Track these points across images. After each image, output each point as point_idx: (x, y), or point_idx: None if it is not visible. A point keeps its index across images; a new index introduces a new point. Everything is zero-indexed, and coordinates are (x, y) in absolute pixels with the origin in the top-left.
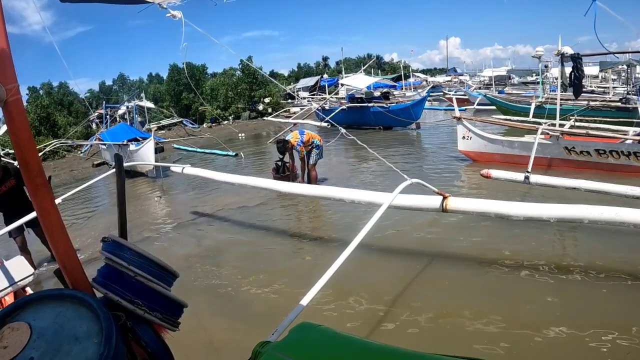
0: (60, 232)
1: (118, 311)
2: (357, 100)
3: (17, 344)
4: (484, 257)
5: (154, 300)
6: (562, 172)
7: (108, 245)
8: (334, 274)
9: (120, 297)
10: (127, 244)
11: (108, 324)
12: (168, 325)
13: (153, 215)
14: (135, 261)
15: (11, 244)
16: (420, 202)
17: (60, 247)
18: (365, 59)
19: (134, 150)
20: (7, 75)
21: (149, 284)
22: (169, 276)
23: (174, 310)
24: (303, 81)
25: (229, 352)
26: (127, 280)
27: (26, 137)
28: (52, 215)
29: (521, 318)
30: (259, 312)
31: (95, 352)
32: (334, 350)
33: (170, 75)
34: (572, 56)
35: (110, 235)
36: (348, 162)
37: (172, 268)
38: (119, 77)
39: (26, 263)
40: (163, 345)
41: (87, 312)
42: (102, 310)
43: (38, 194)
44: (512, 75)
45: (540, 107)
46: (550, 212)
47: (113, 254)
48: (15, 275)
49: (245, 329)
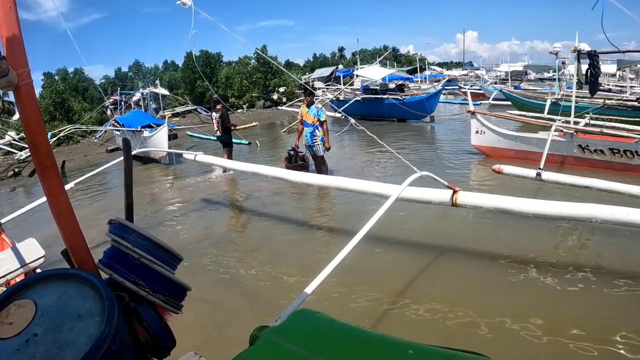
0: (68, 214)
1: (122, 292)
2: (372, 92)
3: (22, 320)
4: (492, 253)
5: (157, 282)
6: (575, 170)
7: (114, 227)
8: (339, 264)
9: (124, 278)
10: (133, 227)
11: (111, 303)
12: (170, 307)
13: (164, 200)
14: (139, 243)
15: (23, 226)
16: (429, 195)
17: (68, 229)
18: (382, 51)
19: (148, 136)
20: (18, 59)
21: (153, 266)
22: (173, 259)
23: (177, 293)
24: (318, 71)
25: (232, 337)
26: (132, 262)
27: (36, 120)
28: (60, 197)
29: (526, 315)
30: (265, 298)
31: (97, 330)
32: (330, 337)
33: (186, 63)
34: (588, 53)
35: (117, 217)
36: (360, 153)
37: (176, 251)
38: (134, 63)
39: (37, 245)
40: (165, 327)
41: (90, 292)
42: (106, 289)
43: (46, 176)
44: (528, 71)
45: (556, 104)
46: (560, 209)
47: (119, 235)
48: (26, 256)
49: (250, 315)
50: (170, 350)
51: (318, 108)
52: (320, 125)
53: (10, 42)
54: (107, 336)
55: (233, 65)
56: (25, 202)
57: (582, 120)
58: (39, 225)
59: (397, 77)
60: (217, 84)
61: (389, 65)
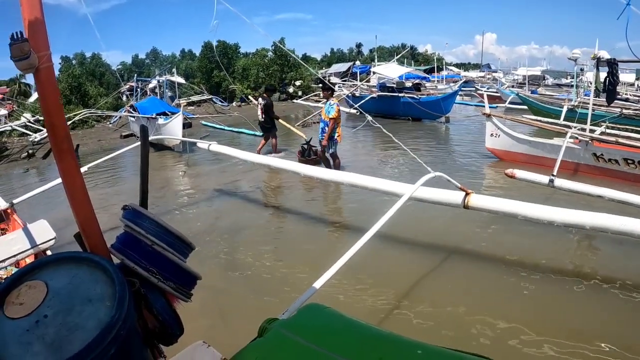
0: (83, 197)
1: (133, 277)
2: (388, 90)
3: (33, 301)
4: (501, 257)
5: (168, 269)
6: (588, 179)
7: (128, 213)
8: (348, 260)
9: (136, 264)
10: (147, 213)
11: (122, 288)
12: (180, 295)
13: (176, 188)
14: (153, 230)
15: (35, 207)
16: (441, 196)
17: (82, 212)
18: (399, 49)
19: (162, 124)
20: (39, 42)
21: (165, 254)
22: (185, 247)
23: (188, 281)
24: (335, 66)
25: (237, 326)
26: (144, 248)
27: (55, 103)
28: (75, 180)
29: (534, 322)
30: (271, 290)
31: (107, 315)
32: (339, 333)
33: (203, 53)
34: (608, 61)
35: (131, 203)
36: (374, 151)
37: (188, 240)
38: (151, 51)
39: (48, 227)
40: (174, 314)
41: (102, 276)
42: (118, 274)
43: (63, 159)
44: (546, 76)
45: (573, 110)
46: (572, 218)
47: (132, 221)
48: (37, 238)
49: (256, 306)
50: (178, 338)
51: (330, 104)
52: (328, 122)
53: (32, 25)
54: (117, 321)
55: (250, 57)
56: (37, 184)
57: (598, 129)
58: (50, 207)
59: (414, 76)
60: (234, 75)
61: (406, 64)
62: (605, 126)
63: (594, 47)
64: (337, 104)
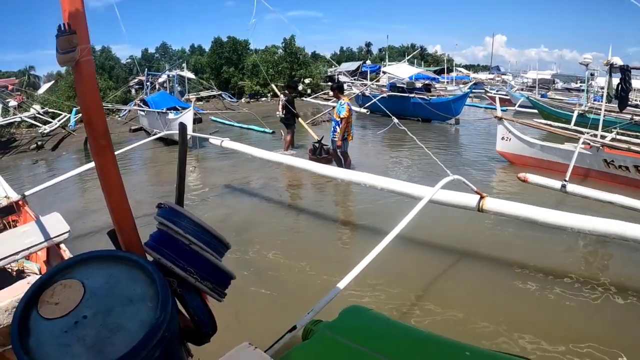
0: (119, 193)
1: (169, 277)
2: (398, 90)
3: (69, 301)
4: (518, 262)
5: (205, 269)
6: (598, 185)
7: (164, 211)
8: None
9: (173, 264)
10: (185, 212)
11: (164, 289)
12: (216, 295)
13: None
14: (191, 229)
15: (47, 199)
16: (456, 198)
17: (118, 208)
18: (409, 49)
19: (173, 118)
20: (80, 35)
21: (203, 253)
22: (221, 247)
23: (224, 281)
24: (344, 65)
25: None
26: (181, 247)
27: (94, 98)
28: (113, 176)
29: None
30: (286, 290)
31: (151, 316)
32: (385, 334)
33: (213, 48)
34: (621, 67)
35: (167, 202)
36: (384, 151)
37: (225, 239)
38: (161, 45)
39: (62, 220)
40: (209, 314)
41: (141, 275)
42: (158, 274)
43: (101, 155)
44: (556, 80)
45: (583, 115)
46: (586, 224)
47: (169, 220)
48: (50, 231)
49: (270, 306)
50: (210, 337)
51: (341, 104)
52: (340, 122)
53: (73, 17)
54: (162, 323)
55: (260, 53)
56: (46, 176)
57: (609, 135)
58: (59, 200)
59: (424, 77)
60: (243, 71)
61: (416, 64)
62: (616, 132)
63: (604, 52)
64: (347, 104)
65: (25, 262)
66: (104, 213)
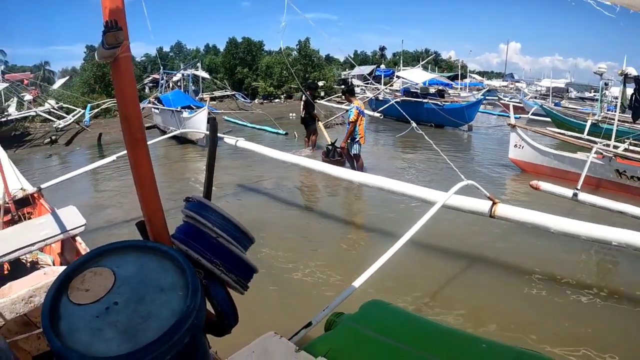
0: (151, 186)
1: (196, 268)
2: (412, 95)
3: (100, 288)
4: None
5: (231, 262)
6: (609, 195)
7: (193, 205)
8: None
9: (200, 256)
10: (212, 206)
11: (194, 279)
12: (239, 287)
13: (197, 180)
14: (219, 223)
15: (63, 192)
16: (469, 204)
17: (149, 201)
18: (423, 54)
19: (187, 117)
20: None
21: (229, 246)
22: (246, 240)
23: (248, 274)
24: (358, 69)
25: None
26: (208, 240)
27: (131, 93)
28: (145, 169)
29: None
30: (298, 289)
31: (181, 304)
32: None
33: (227, 48)
34: (635, 78)
35: (195, 195)
36: (397, 154)
37: (251, 234)
38: (176, 44)
39: (78, 213)
40: (232, 305)
41: (171, 266)
42: (188, 265)
43: (136, 148)
44: (570, 89)
45: (596, 125)
46: (598, 233)
47: (198, 213)
48: (66, 223)
49: (282, 304)
50: (232, 328)
51: (351, 108)
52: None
53: (114, 13)
54: (192, 310)
55: (274, 55)
56: (60, 170)
57: (622, 145)
58: (72, 194)
59: (437, 82)
60: (257, 72)
61: (430, 70)
62: (629, 143)
63: (618, 62)
64: (356, 108)
65: (39, 254)
66: (116, 208)
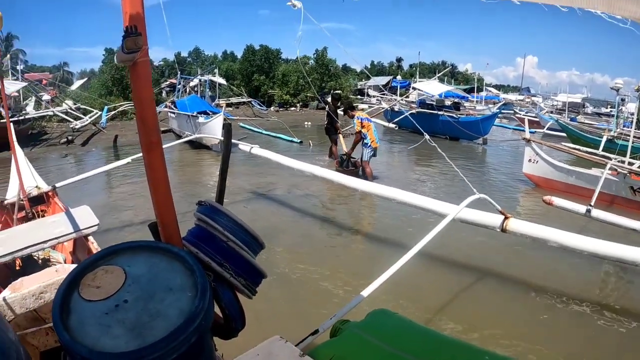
0: (165, 188)
1: (206, 271)
2: (428, 107)
3: (111, 285)
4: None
5: (240, 266)
6: (622, 212)
7: (205, 208)
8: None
9: (210, 258)
10: (224, 210)
11: (203, 280)
12: (247, 291)
13: (209, 185)
14: (230, 227)
15: (77, 192)
16: (480, 217)
17: (162, 202)
18: (440, 66)
19: (203, 122)
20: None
21: (239, 251)
22: (257, 245)
23: (257, 279)
24: (375, 79)
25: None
26: (219, 244)
27: (148, 97)
28: (160, 171)
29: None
30: (307, 297)
31: (190, 304)
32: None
33: (245, 55)
34: None
35: (207, 199)
36: (409, 166)
37: (261, 239)
38: (194, 50)
39: (91, 213)
40: (240, 309)
41: (180, 267)
42: (198, 266)
43: (151, 150)
44: (586, 104)
45: (612, 141)
46: (612, 250)
47: (209, 217)
48: (80, 222)
49: (290, 311)
50: (239, 332)
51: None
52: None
53: (134, 19)
54: (200, 311)
55: (291, 63)
56: (75, 169)
57: (637, 162)
58: (85, 195)
59: (453, 95)
60: (274, 80)
61: (446, 82)
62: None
63: (636, 77)
64: (357, 117)
65: (51, 252)
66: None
